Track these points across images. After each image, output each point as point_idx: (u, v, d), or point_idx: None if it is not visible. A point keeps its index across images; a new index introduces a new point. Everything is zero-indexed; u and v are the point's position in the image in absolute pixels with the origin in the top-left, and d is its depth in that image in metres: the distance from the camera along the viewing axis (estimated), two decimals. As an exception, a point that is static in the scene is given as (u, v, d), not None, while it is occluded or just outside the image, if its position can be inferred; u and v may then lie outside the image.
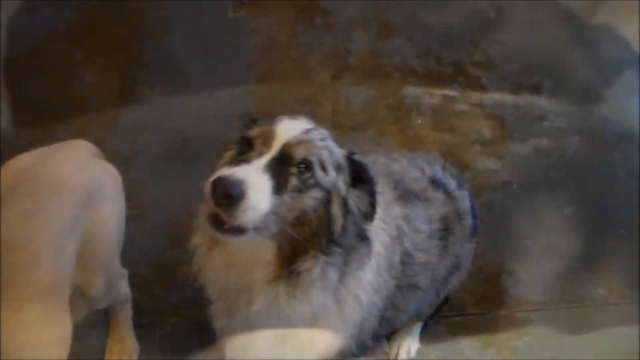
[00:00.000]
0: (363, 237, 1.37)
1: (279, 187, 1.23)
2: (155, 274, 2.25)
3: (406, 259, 1.58)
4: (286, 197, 1.25)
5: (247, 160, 1.24)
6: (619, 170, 2.66)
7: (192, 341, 2.11)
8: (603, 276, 2.34)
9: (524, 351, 2.14)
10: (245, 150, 1.32)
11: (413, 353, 2.10)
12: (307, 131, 1.32)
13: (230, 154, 1.42)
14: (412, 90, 2.86)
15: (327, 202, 1.32)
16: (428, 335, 2.11)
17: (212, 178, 1.17)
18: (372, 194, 1.37)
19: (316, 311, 1.37)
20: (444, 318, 2.18)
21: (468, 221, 1.81)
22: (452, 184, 1.81)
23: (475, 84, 2.92)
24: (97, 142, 2.56)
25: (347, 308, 1.44)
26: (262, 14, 3.19)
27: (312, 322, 1.42)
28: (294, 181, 1.27)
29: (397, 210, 1.56)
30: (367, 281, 1.44)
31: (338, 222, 1.32)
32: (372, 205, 1.37)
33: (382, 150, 2.56)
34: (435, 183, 1.78)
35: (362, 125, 2.69)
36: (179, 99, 2.81)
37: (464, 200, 1.81)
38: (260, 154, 1.26)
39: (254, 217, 1.19)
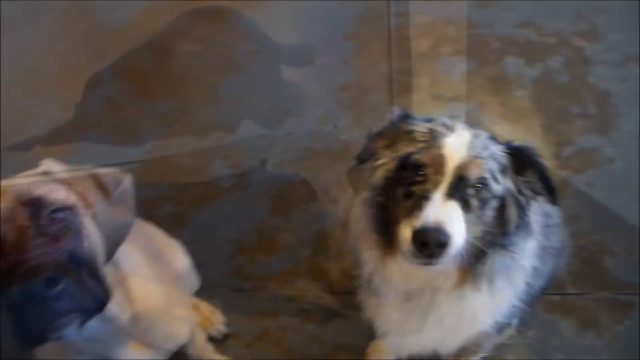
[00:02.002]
0: (527, 220, 1.31)
1: (464, 212, 1.20)
2: (258, 241, 2.18)
3: (546, 220, 1.52)
4: (471, 218, 1.21)
5: (425, 196, 1.18)
6: None
7: (293, 306, 2.05)
8: None
9: (625, 336, 1.93)
10: (413, 177, 1.25)
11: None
12: (472, 144, 1.25)
13: (384, 169, 1.33)
14: (513, 61, 2.60)
15: (502, 206, 1.27)
16: (525, 312, 1.91)
17: (412, 233, 1.15)
18: (542, 176, 1.29)
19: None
20: (542, 296, 1.97)
21: None
22: None
23: (579, 56, 2.61)
24: (200, 113, 2.54)
25: (515, 278, 1.41)
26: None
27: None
28: (473, 202, 1.22)
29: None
30: (529, 249, 1.39)
31: (513, 221, 1.28)
32: (549, 186, 1.30)
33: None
34: None
35: (461, 97, 2.49)
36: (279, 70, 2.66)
37: None
38: (436, 184, 1.20)
39: (457, 252, 1.18)
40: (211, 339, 1.83)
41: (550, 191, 1.31)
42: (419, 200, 1.18)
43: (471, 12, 2.81)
